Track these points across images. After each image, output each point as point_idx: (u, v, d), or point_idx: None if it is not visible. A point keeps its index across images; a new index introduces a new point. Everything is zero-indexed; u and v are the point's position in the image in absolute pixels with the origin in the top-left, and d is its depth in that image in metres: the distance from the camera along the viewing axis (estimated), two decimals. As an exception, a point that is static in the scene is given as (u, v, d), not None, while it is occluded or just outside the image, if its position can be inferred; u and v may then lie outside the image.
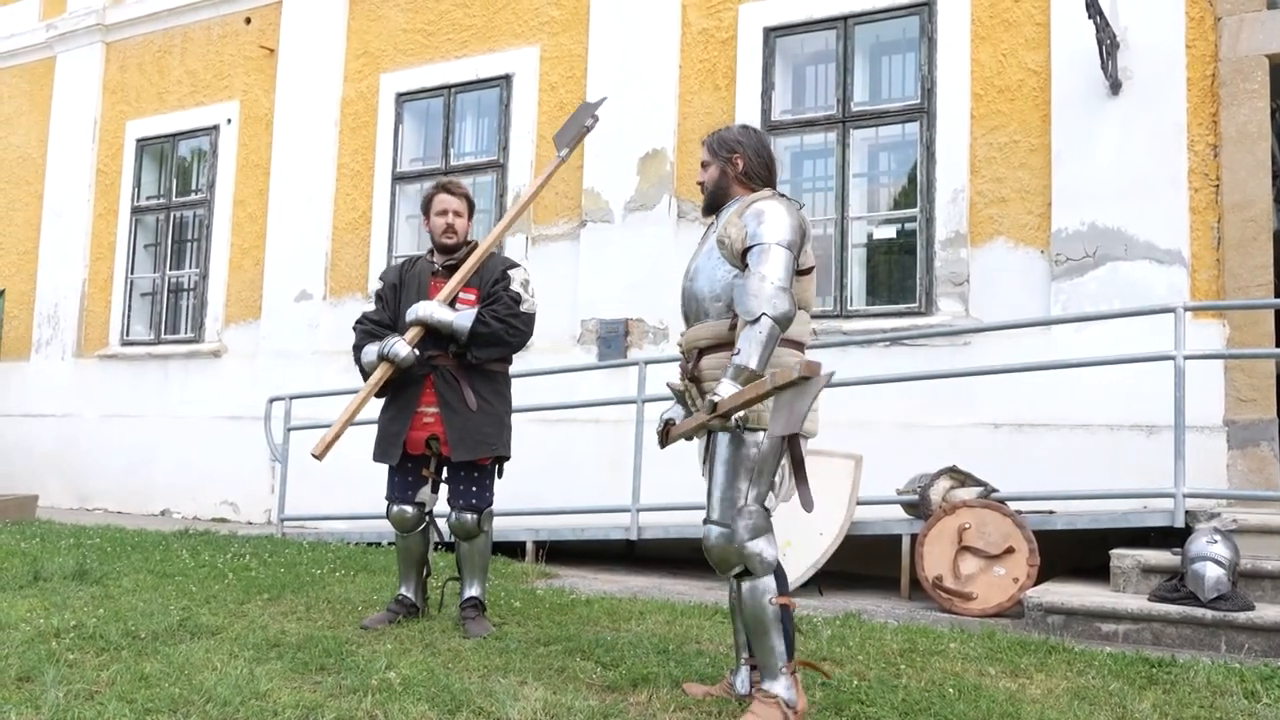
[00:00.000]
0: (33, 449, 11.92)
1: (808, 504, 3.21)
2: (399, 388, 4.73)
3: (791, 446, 3.24)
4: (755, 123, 8.19)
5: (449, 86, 9.78)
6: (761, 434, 3.27)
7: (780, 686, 3.25)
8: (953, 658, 4.22)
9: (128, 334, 11.66)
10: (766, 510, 3.34)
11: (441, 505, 4.95)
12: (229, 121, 11.18)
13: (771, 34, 8.26)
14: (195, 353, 11.00)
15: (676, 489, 7.10)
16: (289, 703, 3.34)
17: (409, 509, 4.84)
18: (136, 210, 11.81)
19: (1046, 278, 7.16)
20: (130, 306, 11.72)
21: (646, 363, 7.24)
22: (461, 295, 4.75)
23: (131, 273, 11.74)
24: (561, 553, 7.36)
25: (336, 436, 4.57)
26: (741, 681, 3.56)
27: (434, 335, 4.69)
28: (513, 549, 7.15)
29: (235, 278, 10.93)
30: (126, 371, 11.51)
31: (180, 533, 8.16)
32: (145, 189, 11.85)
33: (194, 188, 11.58)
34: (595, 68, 8.91)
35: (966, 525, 5.73)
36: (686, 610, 5.22)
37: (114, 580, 5.68)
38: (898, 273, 8.07)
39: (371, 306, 5.08)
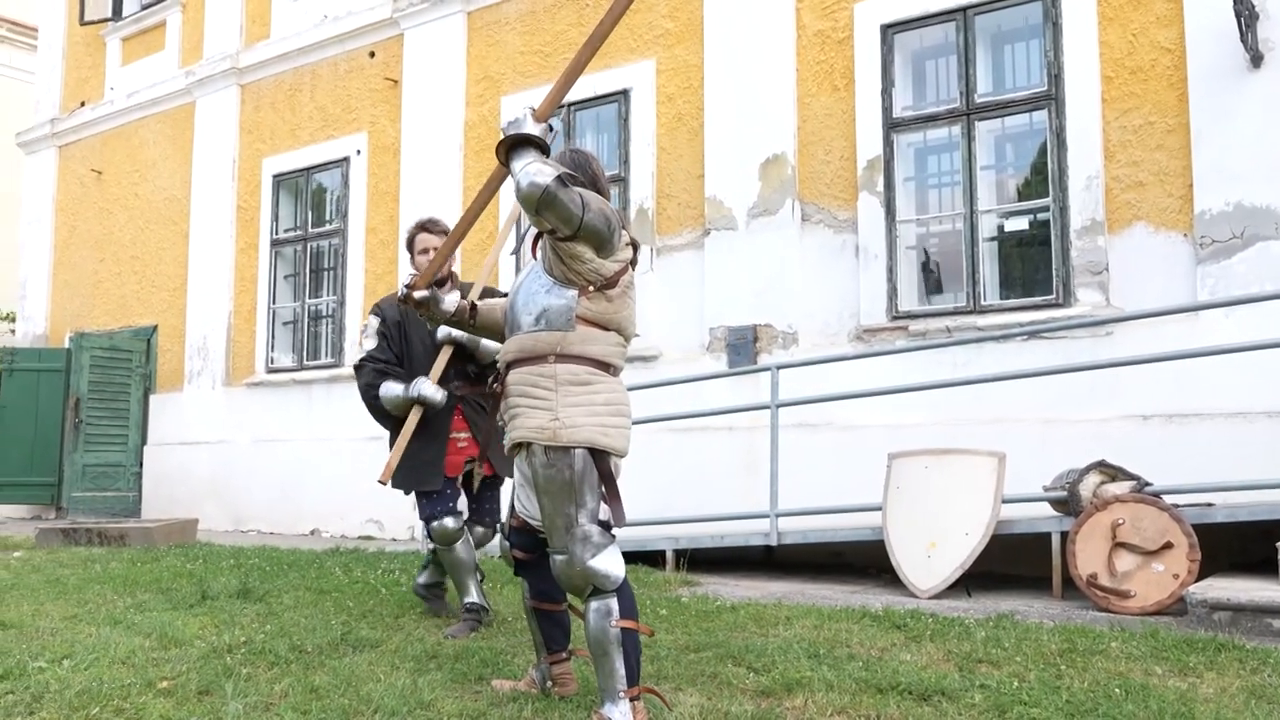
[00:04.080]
0: (191, 475, 12.53)
1: (620, 520, 3.29)
2: (428, 417, 5.03)
3: (599, 463, 3.28)
4: (876, 121, 8.12)
5: (568, 104, 9.90)
6: (573, 451, 3.24)
7: (617, 712, 3.19)
8: (1115, 657, 4.10)
9: (272, 362, 12.17)
10: (603, 525, 3.29)
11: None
12: (358, 152, 11.57)
13: (889, 30, 8.16)
14: (336, 377, 11.37)
15: (814, 493, 7.08)
16: (453, 711, 3.44)
17: (450, 521, 5.09)
18: (275, 243, 12.33)
19: (1191, 262, 6.90)
20: (273, 335, 12.24)
21: (779, 368, 7.21)
22: None
23: (273, 303, 12.26)
24: (700, 560, 7.38)
25: (396, 464, 4.91)
26: (542, 677, 3.73)
27: (453, 364, 5.05)
28: (652, 558, 7.19)
29: (371, 303, 11.22)
30: (273, 398, 12.00)
31: (331, 551, 8.46)
32: (283, 222, 12.36)
33: (328, 218, 12.03)
34: (711, 77, 8.93)
35: (1120, 521, 5.54)
36: (833, 614, 5.17)
37: (275, 597, 5.92)
38: (1031, 265, 7.87)
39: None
